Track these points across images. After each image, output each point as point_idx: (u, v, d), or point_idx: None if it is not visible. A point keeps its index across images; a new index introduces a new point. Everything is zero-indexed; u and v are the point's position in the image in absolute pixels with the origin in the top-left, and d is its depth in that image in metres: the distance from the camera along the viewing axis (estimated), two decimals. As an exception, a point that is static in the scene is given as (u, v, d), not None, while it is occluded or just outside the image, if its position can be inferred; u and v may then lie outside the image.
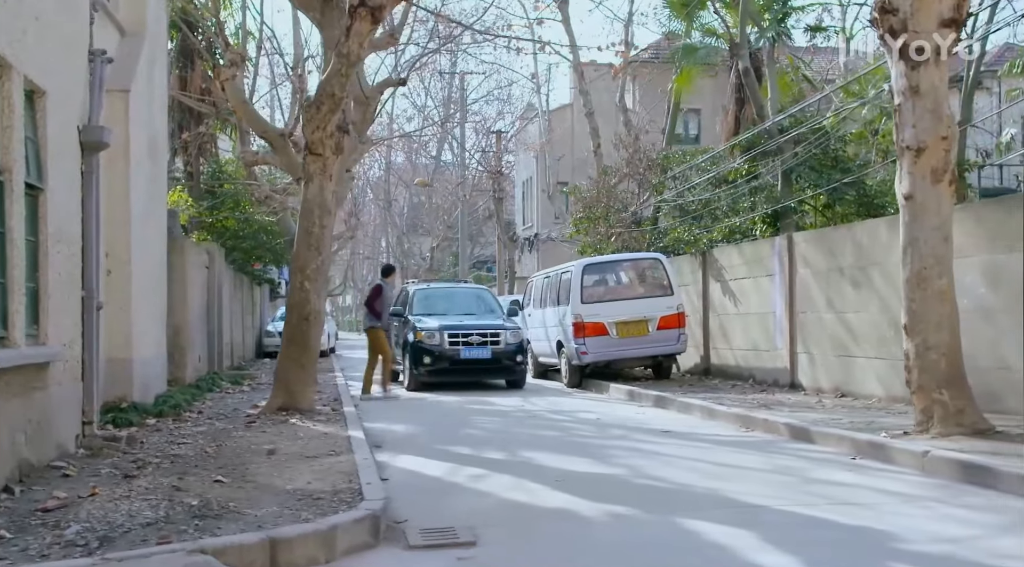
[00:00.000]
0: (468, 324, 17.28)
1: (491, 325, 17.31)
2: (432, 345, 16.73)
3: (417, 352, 16.87)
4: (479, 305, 19.24)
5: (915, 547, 5.47)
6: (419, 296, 19.07)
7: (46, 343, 7.86)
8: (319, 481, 7.03)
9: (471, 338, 16.77)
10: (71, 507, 6.14)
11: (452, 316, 17.91)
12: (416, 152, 47.39)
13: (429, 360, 16.76)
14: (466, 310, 18.64)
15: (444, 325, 16.99)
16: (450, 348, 16.70)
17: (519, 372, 17.45)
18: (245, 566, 5.01)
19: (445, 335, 16.73)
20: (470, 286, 22.91)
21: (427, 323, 17.15)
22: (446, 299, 19.34)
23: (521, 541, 5.81)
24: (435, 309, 18.37)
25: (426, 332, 16.78)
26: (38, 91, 7.79)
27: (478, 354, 16.79)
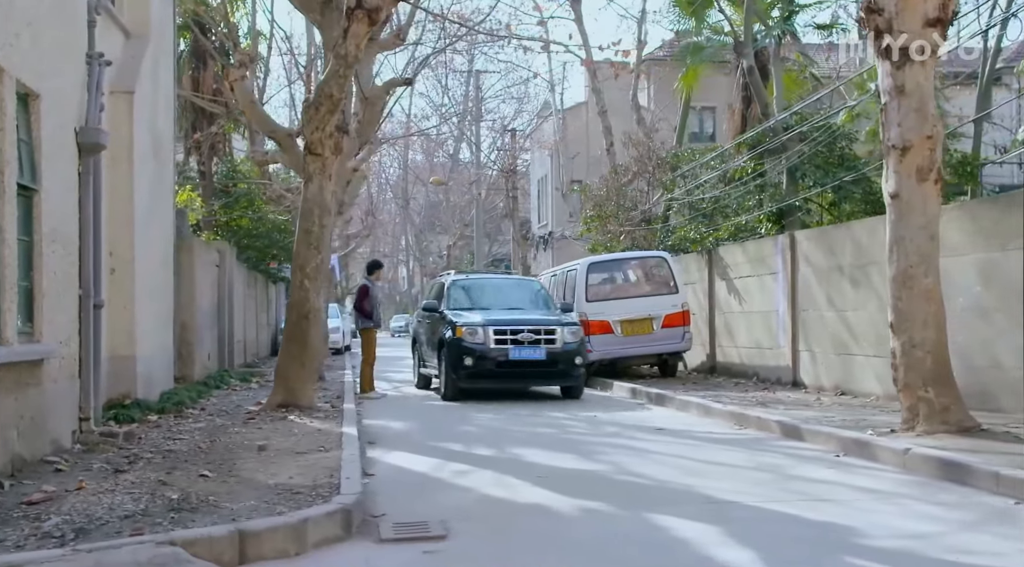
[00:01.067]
0: (517, 319, 14.80)
1: (545, 321, 14.90)
2: (474, 343, 14.30)
3: (456, 352, 14.39)
4: (528, 298, 16.60)
5: (876, 542, 5.53)
6: (457, 288, 16.50)
7: (40, 341, 8.04)
8: (301, 476, 7.16)
9: (522, 335, 14.30)
10: (56, 500, 6.31)
11: (497, 310, 15.38)
12: (433, 151, 47.54)
13: (471, 361, 14.24)
14: (513, 304, 16.09)
15: (489, 320, 14.61)
16: (496, 347, 14.26)
17: (577, 378, 14.79)
18: (214, 558, 5.13)
19: (490, 332, 14.31)
20: (517, 277, 20.63)
21: (468, 318, 14.84)
22: (489, 291, 16.76)
23: (491, 536, 5.91)
24: (476, 303, 15.95)
25: (467, 328, 14.43)
26: (32, 94, 7.97)
27: (530, 355, 14.29)
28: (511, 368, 14.38)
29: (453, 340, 14.47)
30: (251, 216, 24.08)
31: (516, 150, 37.09)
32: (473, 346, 14.32)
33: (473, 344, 14.32)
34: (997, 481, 6.82)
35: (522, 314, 15.27)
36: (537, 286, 17.65)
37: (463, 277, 17.61)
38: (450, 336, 14.59)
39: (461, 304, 15.84)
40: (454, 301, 15.95)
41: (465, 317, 14.88)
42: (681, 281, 17.59)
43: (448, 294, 16.19)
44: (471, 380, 14.48)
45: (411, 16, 18.26)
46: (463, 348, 14.34)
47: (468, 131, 40.68)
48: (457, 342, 14.42)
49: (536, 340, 14.34)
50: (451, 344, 14.48)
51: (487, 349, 14.28)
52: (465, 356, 14.32)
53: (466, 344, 14.34)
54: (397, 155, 49.16)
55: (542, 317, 15.18)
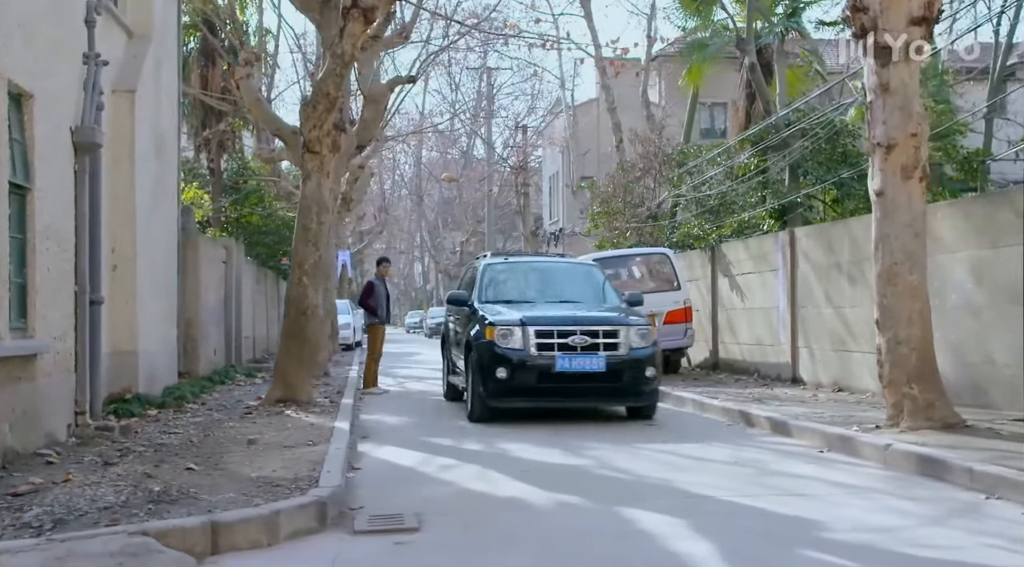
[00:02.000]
0: (567, 317, 11.34)
1: (605, 318, 11.49)
2: (510, 349, 10.92)
3: (485, 359, 11.04)
4: (584, 288, 13.04)
5: (837, 536, 5.61)
6: (491, 275, 13.01)
7: (33, 336, 8.21)
8: (284, 469, 7.29)
9: (573, 339, 10.85)
10: (41, 492, 6.45)
11: (543, 305, 12.14)
12: (447, 147, 47.70)
13: (506, 373, 10.85)
14: (564, 295, 12.70)
15: (530, 317, 11.15)
16: (539, 354, 10.86)
17: (649, 395, 11.36)
18: (187, 548, 5.26)
19: (531, 333, 10.90)
20: (570, 260, 16.04)
21: (503, 315, 11.43)
22: (533, 279, 13.39)
23: (462, 528, 6.02)
24: (516, 294, 12.67)
25: (501, 328, 11.07)
26: (25, 94, 8.14)
27: (584, 365, 10.82)
28: (559, 383, 10.92)
29: (483, 344, 11.11)
30: (261, 213, 24.31)
31: (527, 146, 37.15)
32: (508, 352, 10.91)
33: (508, 349, 10.93)
34: (971, 476, 6.88)
35: (575, 309, 11.82)
36: (596, 273, 13.46)
37: (500, 260, 13.75)
38: (479, 338, 11.27)
39: (497, 295, 12.47)
40: (488, 292, 12.56)
41: (500, 313, 11.52)
42: (684, 278, 17.62)
43: (480, 282, 12.70)
44: (504, 398, 11.08)
45: (415, 14, 18.38)
46: (495, 355, 10.93)
47: (480, 128, 40.79)
48: (487, 347, 11.02)
49: (593, 345, 10.88)
50: (480, 349, 11.16)
51: (527, 356, 10.86)
52: (497, 366, 10.89)
53: (499, 350, 10.94)
54: (411, 152, 49.35)
55: (601, 314, 11.77)
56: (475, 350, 11.28)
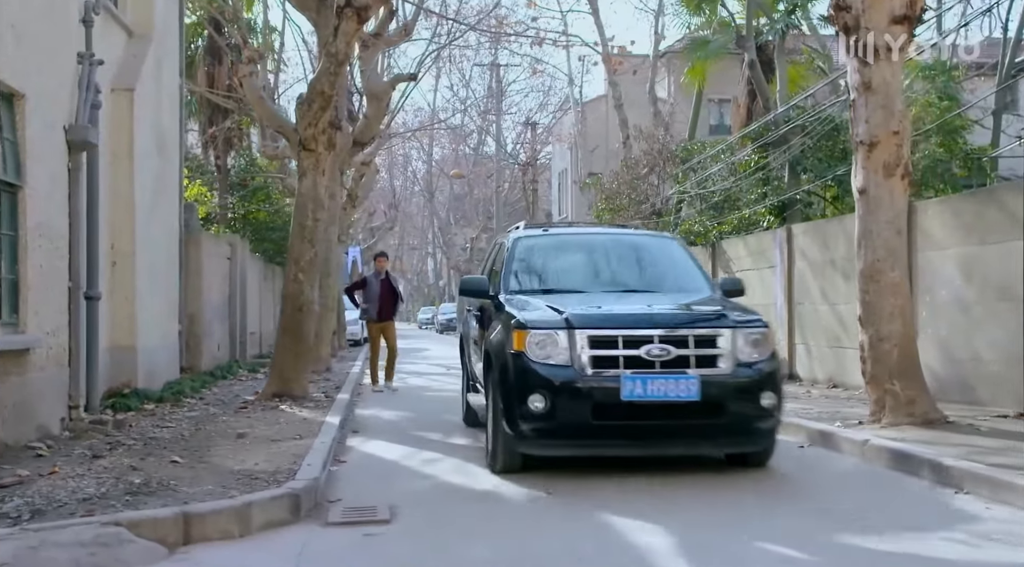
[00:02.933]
0: (638, 315, 7.64)
1: (696, 316, 7.76)
2: (551, 364, 7.23)
3: (515, 380, 7.35)
4: (657, 271, 9.08)
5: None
6: (524, 252, 9.17)
7: (25, 331, 8.37)
8: (267, 462, 7.42)
9: (649, 349, 7.13)
10: (26, 484, 6.60)
11: (597, 295, 8.36)
12: (458, 144, 47.83)
13: (544, 402, 7.12)
14: (627, 282, 8.82)
15: (581, 315, 7.46)
16: (596, 374, 7.17)
17: (765, 435, 7.55)
18: (159, 538, 5.40)
19: (583, 340, 7.21)
20: (636, 232, 11.17)
21: (540, 312, 7.69)
22: (584, 258, 9.25)
23: (432, 520, 6.13)
24: (559, 280, 8.79)
25: (538, 333, 7.33)
26: (16, 94, 8.29)
27: (668, 390, 7.06)
28: (627, 419, 7.11)
29: (509, 356, 7.37)
30: (268, 209, 24.49)
31: (536, 143, 37.25)
32: (548, 370, 7.16)
33: (547, 366, 7.18)
34: (942, 472, 6.95)
35: (647, 302, 7.98)
36: (676, 247, 9.56)
37: (537, 232, 9.78)
38: (503, 346, 7.51)
39: (532, 282, 8.77)
40: (519, 277, 8.80)
41: (535, 309, 7.73)
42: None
43: (509, 264, 8.94)
44: (542, 441, 7.30)
45: (416, 12, 18.50)
46: (527, 373, 7.21)
47: (490, 124, 40.91)
48: (516, 361, 7.29)
49: (679, 359, 7.09)
50: (505, 363, 7.41)
51: (577, 377, 7.12)
52: (531, 391, 7.14)
53: (534, 365, 7.19)
54: (423, 148, 49.51)
55: (689, 309, 7.96)
56: (498, 365, 7.48)
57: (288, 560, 5.22)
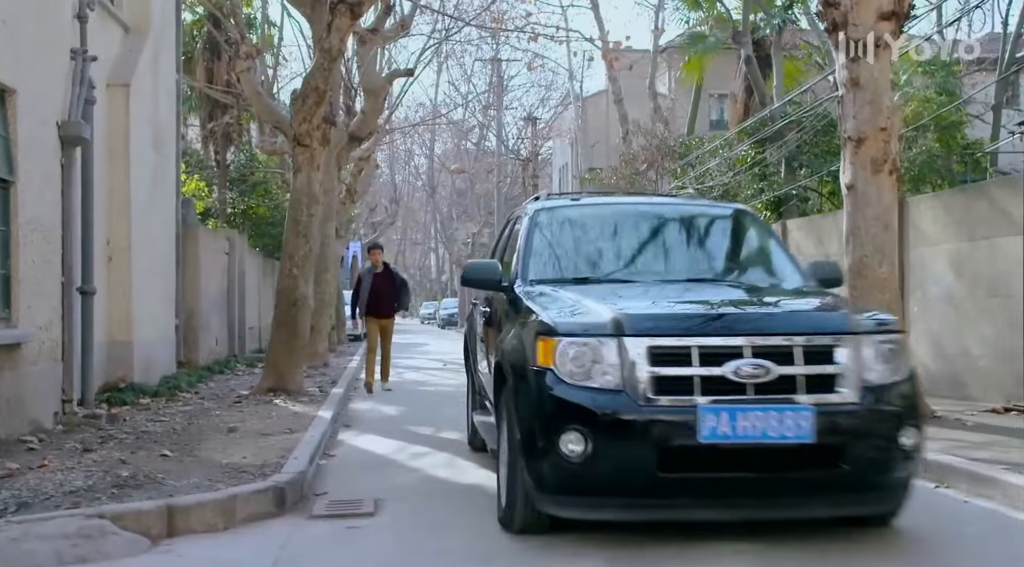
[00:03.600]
0: (720, 315, 5.32)
1: (800, 317, 5.46)
2: (595, 389, 4.92)
3: (540, 410, 5.05)
4: (727, 253, 6.96)
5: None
6: (549, 229, 6.80)
7: (17, 326, 8.44)
8: (255, 456, 7.48)
9: (738, 367, 4.83)
10: (15, 477, 6.66)
11: (653, 286, 6.14)
12: (459, 139, 47.89)
13: (583, 446, 4.80)
14: (688, 269, 6.46)
15: (638, 316, 5.14)
16: (660, 404, 4.85)
17: (900, 488, 5.20)
18: (143, 530, 5.45)
19: (640, 352, 4.88)
20: (693, 203, 8.04)
21: (575, 309, 5.37)
22: (627, 237, 6.84)
23: (416, 513, 6.18)
24: (595, 266, 6.54)
25: (572, 343, 5.00)
26: (8, 90, 8.35)
27: (768, 428, 4.74)
28: (708, 471, 4.90)
29: (530, 374, 5.19)
30: (268, 204, 24.56)
31: (537, 138, 37.30)
32: (589, 397, 4.94)
33: (589, 390, 4.95)
34: (923, 466, 6.98)
35: (727, 296, 5.98)
36: (752, 223, 7.12)
37: (566, 203, 7.42)
38: (522, 360, 5.36)
39: (559, 269, 6.50)
40: (542, 262, 6.53)
41: (567, 306, 5.50)
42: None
43: (529, 245, 6.61)
44: (582, 500, 5.08)
45: (413, 8, 18.53)
46: (559, 402, 4.98)
47: (489, 119, 40.96)
48: (543, 382, 5.05)
49: (782, 382, 4.90)
50: (527, 385, 5.22)
51: (631, 407, 4.86)
52: (565, 428, 4.89)
53: (569, 389, 4.97)
54: (425, 143, 49.57)
55: (788, 307, 5.78)
56: (514, 385, 5.35)
57: (270, 552, 5.27)
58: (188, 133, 25.13)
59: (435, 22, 24.08)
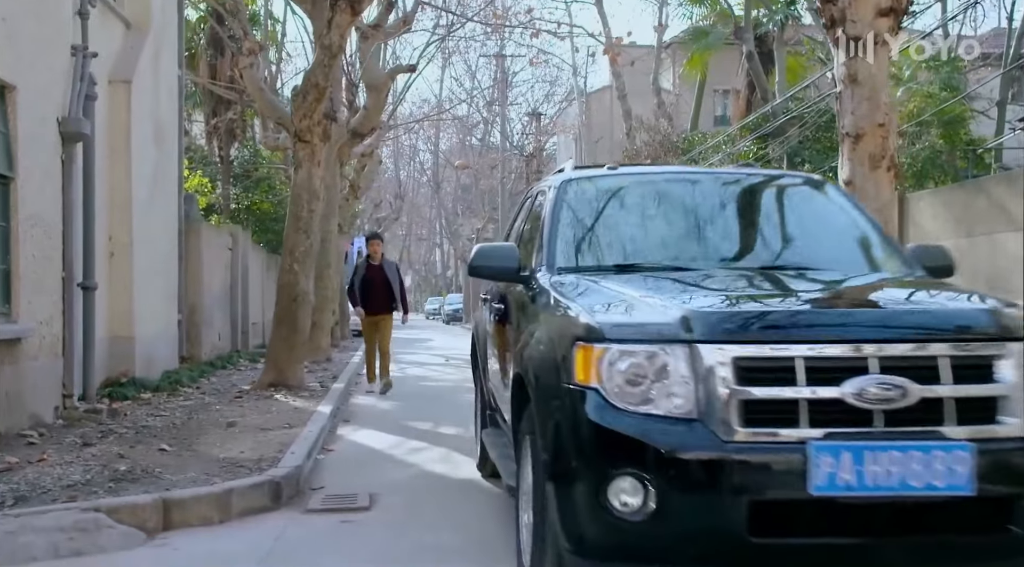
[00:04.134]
0: (828, 313, 3.81)
1: (937, 316, 3.71)
2: (658, 417, 3.43)
3: (579, 445, 3.54)
4: (810, 235, 5.17)
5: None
6: (581, 205, 5.31)
7: (17, 321, 8.48)
8: (252, 451, 7.52)
9: (860, 384, 3.36)
10: (14, 471, 6.72)
11: (716, 275, 4.55)
12: (464, 135, 47.93)
13: (642, 497, 3.36)
14: (763, 254, 5.03)
15: (714, 315, 3.61)
16: (752, 442, 3.35)
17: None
18: (139, 524, 5.51)
19: (724, 366, 3.39)
20: (759, 174, 6.22)
21: (627, 306, 3.83)
22: (679, 215, 5.26)
23: (410, 508, 6.23)
24: (642, 250, 4.98)
25: (624, 353, 3.50)
26: (8, 87, 8.39)
27: (903, 473, 3.28)
28: (824, 533, 3.38)
29: (568, 395, 3.62)
30: (272, 200, 24.61)
31: (540, 134, 37.32)
32: (649, 429, 3.42)
33: (649, 419, 3.44)
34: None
35: (828, 289, 4.38)
36: (835, 198, 5.53)
37: (600, 173, 5.74)
38: (553, 373, 3.80)
39: (596, 255, 5.06)
40: (573, 246, 5.03)
41: (611, 301, 3.96)
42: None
43: (555, 224, 5.11)
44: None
45: (416, 3, 18.53)
46: (607, 435, 3.46)
47: (494, 115, 41.00)
48: (582, 407, 3.52)
49: (923, 409, 3.40)
50: (560, 410, 3.68)
51: (711, 443, 3.37)
52: (615, 472, 3.41)
53: (620, 417, 3.46)
54: (430, 139, 49.62)
55: (919, 303, 4.05)
56: (541, 411, 3.92)
57: (264, 545, 5.32)
58: (192, 129, 25.21)
59: (438, 18, 24.11)
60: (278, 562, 5.02)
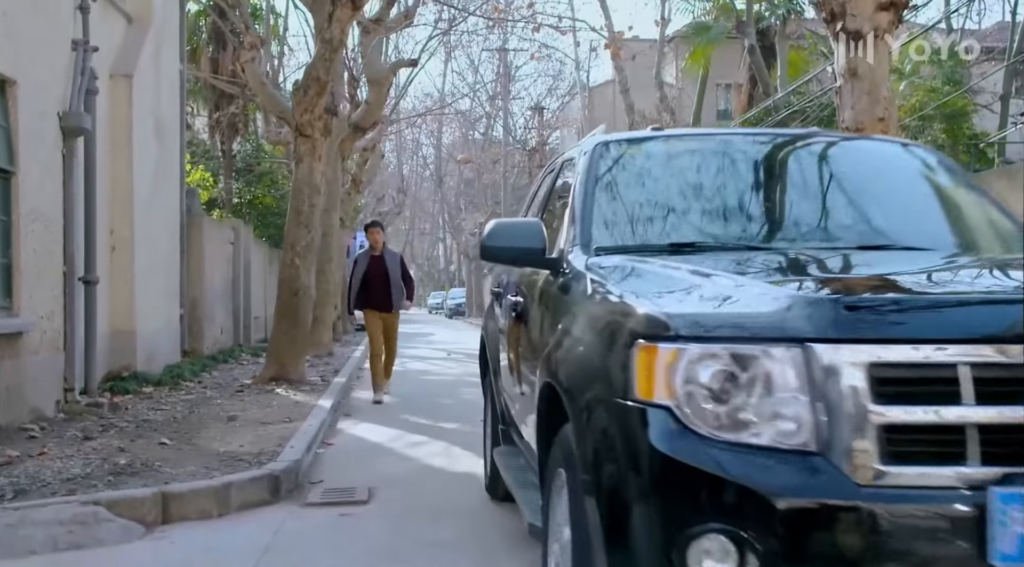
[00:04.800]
0: (1003, 304, 2.47)
1: None
2: (759, 448, 2.39)
3: (639, 486, 2.49)
4: (909, 208, 4.10)
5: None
6: (621, 173, 4.28)
7: (19, 315, 8.51)
8: (252, 445, 7.54)
9: None
10: (15, 464, 6.74)
11: (801, 255, 3.47)
12: (467, 129, 47.90)
13: (736, 563, 2.31)
14: (857, 230, 3.84)
15: (836, 303, 2.49)
16: (899, 486, 2.29)
17: None
18: (137, 517, 5.53)
19: (854, 375, 2.34)
20: (840, 138, 4.95)
21: (696, 303, 2.71)
22: (746, 185, 4.22)
23: (408, 502, 6.25)
24: (705, 228, 3.87)
25: (702, 364, 2.46)
26: (8, 81, 8.41)
27: None
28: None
29: (621, 417, 2.58)
30: (274, 194, 24.62)
31: (543, 128, 37.30)
32: (748, 467, 2.37)
33: (747, 451, 2.40)
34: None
35: (959, 271, 3.31)
36: (936, 165, 4.47)
37: (643, 135, 4.61)
38: (599, 387, 2.76)
39: (642, 232, 3.95)
40: (613, 220, 3.98)
41: (670, 283, 2.98)
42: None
43: (588, 196, 4.03)
44: None
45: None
46: (680, 478, 2.43)
47: (497, 109, 41.00)
48: (641, 435, 2.49)
49: None
50: (614, 438, 2.61)
51: (833, 487, 2.32)
52: (694, 532, 2.36)
53: (704, 448, 2.42)
54: (433, 133, 49.60)
55: None
56: (584, 436, 2.82)
57: (262, 539, 5.34)
58: (194, 123, 25.21)
59: (440, 12, 24.09)
60: (276, 555, 5.04)
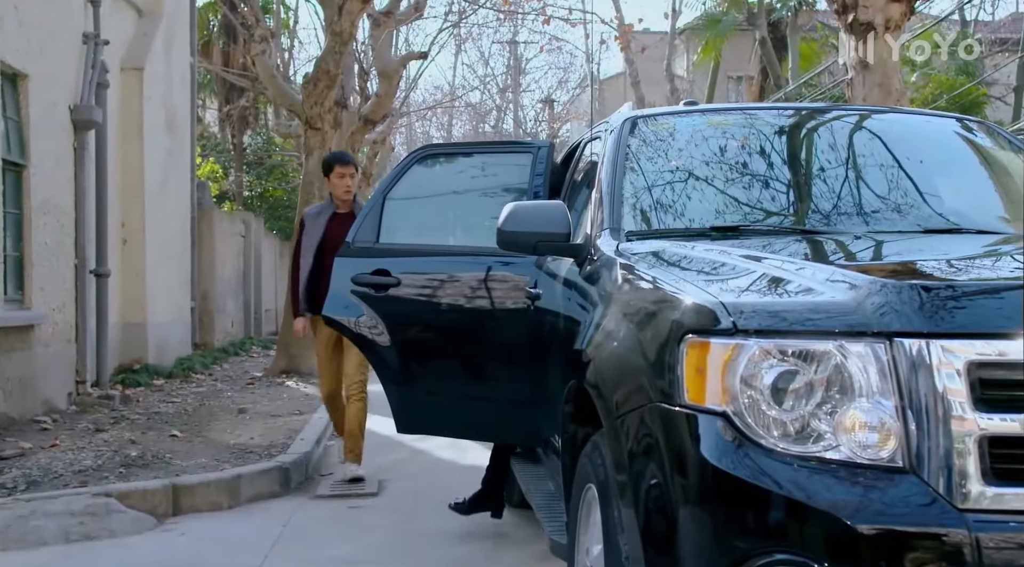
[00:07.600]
0: None
1: None
2: (836, 464, 2.03)
3: (690, 507, 2.15)
4: (981, 188, 3.81)
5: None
6: (655, 150, 3.94)
7: (31, 307, 8.55)
8: (262, 437, 7.57)
9: None
10: (27, 456, 6.78)
11: (862, 240, 3.12)
12: (478, 122, 47.86)
13: None
14: (917, 213, 3.45)
15: (923, 291, 2.09)
16: (1008, 516, 1.92)
17: None
18: (149, 509, 5.56)
19: (955, 379, 1.97)
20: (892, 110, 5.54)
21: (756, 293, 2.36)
22: (790, 162, 3.84)
23: (417, 494, 6.27)
24: (750, 211, 3.51)
25: (765, 364, 2.09)
26: (20, 75, 8.44)
27: None
28: None
29: (667, 426, 2.24)
30: (284, 187, 24.67)
31: (554, 121, 37.26)
32: (819, 486, 2.01)
33: (816, 469, 2.04)
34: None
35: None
36: (996, 141, 4.07)
37: (680, 110, 4.47)
38: (643, 392, 2.38)
39: (679, 215, 3.59)
40: (645, 203, 3.61)
41: (721, 271, 2.63)
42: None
43: (618, 175, 3.62)
44: None
45: (428, -10, 18.47)
46: (741, 498, 2.08)
47: (507, 102, 40.96)
48: (693, 448, 2.15)
49: None
50: (661, 450, 2.26)
51: (928, 513, 1.95)
52: (759, 561, 2.02)
53: (765, 472, 2.05)
54: (442, 126, 49.55)
55: None
56: (620, 446, 2.46)
57: (272, 530, 5.36)
58: (205, 116, 25.26)
59: (450, 4, 24.06)
60: (286, 547, 5.05)
